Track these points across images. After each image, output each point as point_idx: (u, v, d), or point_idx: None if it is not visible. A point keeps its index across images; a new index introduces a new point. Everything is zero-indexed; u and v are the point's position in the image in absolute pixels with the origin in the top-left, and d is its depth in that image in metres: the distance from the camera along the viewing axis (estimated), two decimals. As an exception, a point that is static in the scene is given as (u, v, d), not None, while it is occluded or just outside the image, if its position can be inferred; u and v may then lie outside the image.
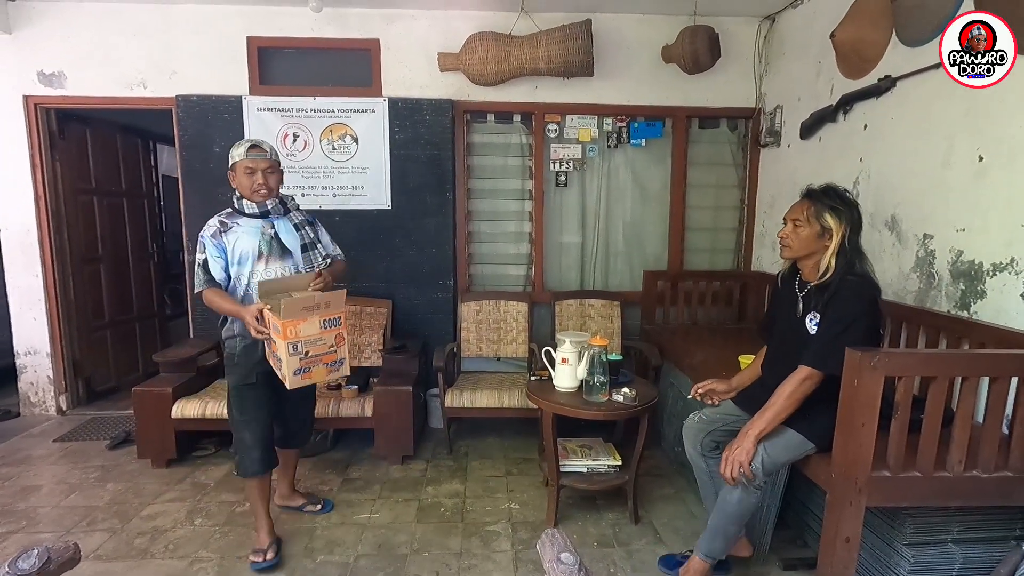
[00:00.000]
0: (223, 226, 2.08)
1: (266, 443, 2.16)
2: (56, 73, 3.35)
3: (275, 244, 2.12)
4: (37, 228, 3.46)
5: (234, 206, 2.13)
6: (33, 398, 3.61)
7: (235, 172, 2.09)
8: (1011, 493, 1.60)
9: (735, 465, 1.71)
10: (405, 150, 3.44)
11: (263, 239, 2.10)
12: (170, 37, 3.35)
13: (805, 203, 1.80)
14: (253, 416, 2.13)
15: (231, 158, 2.09)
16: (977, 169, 2.02)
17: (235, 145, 2.11)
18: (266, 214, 2.12)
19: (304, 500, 2.51)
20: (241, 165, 2.07)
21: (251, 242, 2.09)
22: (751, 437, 1.71)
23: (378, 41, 3.43)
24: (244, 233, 2.09)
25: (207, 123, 3.34)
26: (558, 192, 3.68)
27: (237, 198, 2.12)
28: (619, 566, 2.13)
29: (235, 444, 2.15)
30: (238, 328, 2.10)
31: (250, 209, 2.11)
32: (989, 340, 1.87)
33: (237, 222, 2.10)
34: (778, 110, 3.39)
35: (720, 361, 2.64)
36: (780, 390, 1.71)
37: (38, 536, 2.30)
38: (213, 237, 2.06)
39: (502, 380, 3.23)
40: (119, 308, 4.08)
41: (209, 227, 2.09)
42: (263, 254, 2.09)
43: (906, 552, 1.70)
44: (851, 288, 1.68)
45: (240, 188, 2.10)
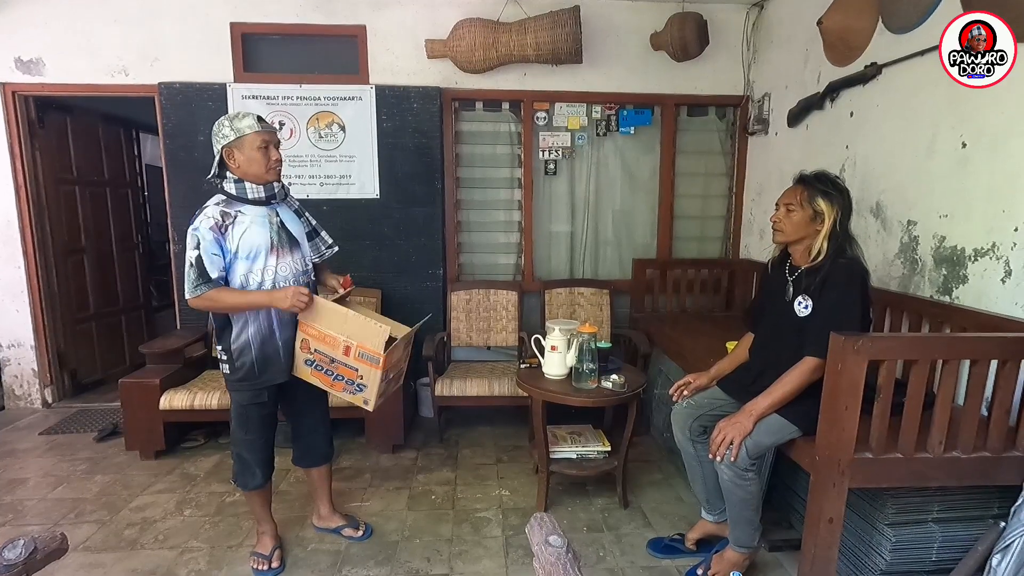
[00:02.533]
0: (225, 217, 1.77)
1: (267, 460, 2.01)
2: (34, 60, 3.28)
3: (283, 234, 1.88)
4: (18, 219, 3.40)
5: (231, 192, 1.82)
6: (18, 391, 3.57)
7: (240, 148, 1.77)
8: (989, 473, 1.63)
9: (726, 440, 1.74)
10: (393, 138, 3.42)
11: (272, 229, 1.84)
12: (152, 23, 3.28)
13: (798, 188, 1.82)
14: (258, 435, 1.96)
15: (235, 132, 1.77)
16: (960, 156, 2.04)
17: (230, 118, 1.79)
18: (272, 198, 1.86)
19: (343, 522, 2.24)
20: (253, 138, 1.77)
21: (262, 233, 1.81)
22: (752, 416, 1.74)
23: (364, 27, 3.39)
24: (252, 223, 1.80)
25: (191, 111, 3.29)
26: (547, 181, 3.68)
27: (235, 181, 1.81)
28: (608, 550, 2.16)
29: (235, 459, 1.99)
30: (251, 335, 1.85)
31: (254, 194, 1.82)
32: (970, 324, 1.91)
33: (240, 211, 1.80)
34: (766, 98, 3.40)
35: (708, 348, 2.66)
36: (787, 378, 1.73)
37: (25, 529, 2.28)
38: (213, 230, 1.74)
39: (492, 369, 3.24)
40: (104, 300, 4.02)
41: (207, 218, 1.76)
42: (275, 246, 1.84)
43: (888, 532, 1.73)
44: (843, 271, 1.71)
45: (248, 166, 1.79)
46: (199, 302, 1.77)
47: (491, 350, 3.52)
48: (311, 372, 1.93)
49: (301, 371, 1.94)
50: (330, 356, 1.88)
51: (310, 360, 1.91)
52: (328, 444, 2.19)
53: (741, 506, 1.82)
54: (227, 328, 1.86)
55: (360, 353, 1.86)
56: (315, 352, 1.89)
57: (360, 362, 1.87)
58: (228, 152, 1.79)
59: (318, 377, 1.93)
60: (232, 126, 1.78)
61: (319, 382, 1.94)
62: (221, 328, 1.88)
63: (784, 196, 1.85)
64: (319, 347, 1.88)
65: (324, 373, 1.91)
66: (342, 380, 1.91)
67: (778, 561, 2.08)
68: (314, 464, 2.18)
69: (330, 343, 1.87)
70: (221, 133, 1.78)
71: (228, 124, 1.78)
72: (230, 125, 1.78)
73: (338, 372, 1.90)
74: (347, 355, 1.87)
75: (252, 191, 1.82)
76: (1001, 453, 1.62)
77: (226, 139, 1.77)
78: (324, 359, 1.89)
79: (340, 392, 1.94)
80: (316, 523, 2.27)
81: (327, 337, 1.87)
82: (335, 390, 1.94)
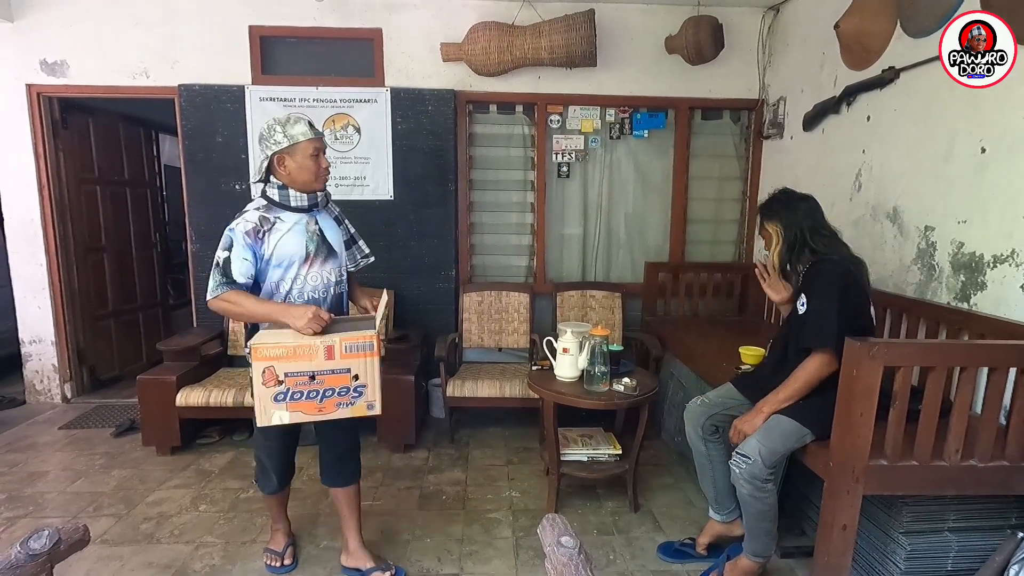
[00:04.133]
0: (263, 223, 1.72)
1: (285, 468, 1.97)
2: (59, 62, 3.35)
3: (320, 243, 1.82)
4: (41, 217, 3.47)
5: (272, 198, 1.77)
6: (38, 386, 3.64)
7: (292, 155, 1.72)
8: (1007, 482, 1.61)
9: (741, 434, 1.84)
10: (407, 140, 3.44)
11: (309, 238, 1.79)
12: (172, 26, 3.34)
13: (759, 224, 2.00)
14: (277, 442, 1.90)
15: (288, 139, 1.70)
16: (979, 161, 2.02)
17: (282, 123, 1.72)
18: (314, 206, 1.82)
19: (372, 564, 1.98)
20: (306, 146, 1.72)
21: (298, 242, 1.77)
22: (763, 413, 1.81)
23: (380, 31, 3.42)
24: (289, 232, 1.76)
25: (209, 112, 3.34)
26: (560, 183, 3.68)
27: (279, 187, 1.76)
28: (619, 553, 2.16)
29: (256, 461, 2.01)
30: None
31: (297, 201, 1.77)
32: (988, 331, 1.88)
33: (279, 217, 1.76)
34: (781, 101, 3.38)
35: (720, 352, 2.65)
36: (796, 373, 1.78)
37: (46, 520, 2.33)
38: (247, 236, 1.70)
39: (503, 370, 3.25)
40: (123, 297, 4.10)
41: (245, 221, 1.72)
42: (310, 255, 1.79)
43: (903, 540, 1.72)
44: (822, 268, 1.83)
45: (299, 173, 1.74)
46: (217, 303, 1.71)
47: (503, 352, 3.53)
48: (288, 407, 1.56)
49: (271, 416, 1.56)
50: (308, 371, 1.56)
51: (281, 395, 1.55)
52: (355, 460, 2.00)
53: (759, 517, 1.81)
54: (257, 329, 1.82)
55: (347, 347, 1.58)
56: (286, 378, 1.55)
57: (350, 357, 1.58)
58: (279, 159, 1.73)
59: (299, 409, 1.57)
60: (285, 132, 1.71)
61: (302, 415, 1.59)
62: (252, 328, 1.87)
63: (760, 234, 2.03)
64: (290, 367, 1.55)
65: (305, 399, 1.57)
66: (332, 394, 1.59)
67: (790, 568, 2.07)
68: (336, 483, 1.97)
69: (305, 353, 1.55)
70: (273, 139, 1.72)
71: (280, 130, 1.71)
72: (283, 131, 1.71)
73: (325, 386, 1.58)
74: (331, 357, 1.57)
75: (295, 199, 1.77)
76: (1020, 462, 1.60)
77: (278, 146, 1.71)
78: (300, 380, 1.56)
79: (334, 411, 1.61)
80: (343, 562, 2.04)
81: (299, 348, 1.55)
82: (326, 412, 1.60)
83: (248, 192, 3.38)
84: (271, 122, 1.75)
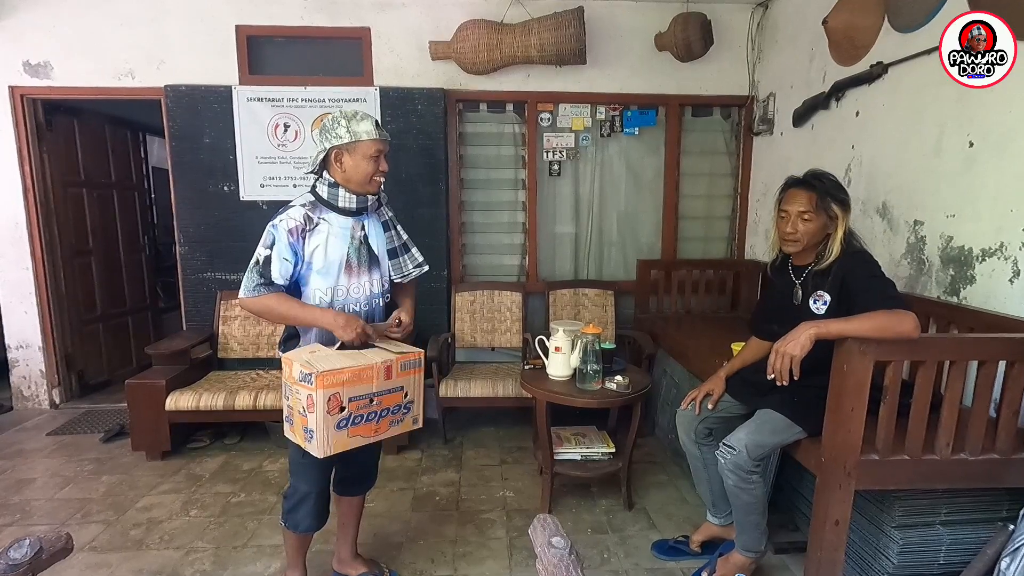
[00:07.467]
0: (308, 222, 1.61)
1: (323, 496, 1.76)
2: (42, 63, 3.30)
3: (364, 250, 1.71)
4: (26, 221, 3.42)
5: (321, 195, 1.66)
6: (26, 392, 3.60)
7: (351, 153, 1.62)
8: (998, 475, 1.62)
9: (786, 358, 1.56)
10: (397, 140, 3.38)
11: (352, 244, 1.68)
12: (158, 26, 3.30)
13: (811, 195, 1.73)
14: (321, 466, 1.69)
15: (351, 135, 1.60)
16: (967, 155, 2.02)
17: (347, 118, 1.62)
18: (363, 210, 1.70)
19: (365, 568, 1.96)
20: (369, 145, 1.62)
21: (339, 248, 1.65)
22: (809, 334, 1.53)
23: (369, 29, 3.40)
24: (333, 235, 1.64)
25: (197, 113, 3.31)
26: (551, 181, 3.67)
27: (330, 185, 1.65)
28: (613, 551, 2.15)
29: (290, 494, 1.75)
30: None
31: (345, 203, 1.65)
32: (978, 325, 1.89)
33: (324, 218, 1.64)
34: (771, 98, 3.38)
35: (713, 349, 2.65)
36: (879, 314, 1.50)
37: (33, 529, 2.30)
38: (291, 233, 1.59)
39: (496, 370, 3.24)
40: (111, 301, 4.05)
41: (290, 218, 1.60)
42: (351, 264, 1.68)
43: (895, 534, 1.72)
44: (860, 260, 1.69)
45: (354, 173, 1.63)
46: (254, 304, 1.59)
47: (495, 351, 3.52)
48: (349, 434, 1.54)
49: (337, 445, 1.52)
50: (369, 394, 1.55)
51: (343, 421, 1.52)
52: (376, 468, 1.97)
53: (746, 510, 1.81)
54: (294, 339, 1.72)
55: (403, 365, 1.60)
56: (348, 403, 1.51)
57: (404, 375, 1.61)
58: (336, 154, 1.63)
59: (360, 433, 1.57)
60: (349, 128, 1.61)
61: (362, 438, 1.58)
62: (288, 337, 1.74)
63: (794, 203, 1.75)
64: (354, 391, 1.52)
65: (366, 422, 1.56)
66: (387, 414, 1.60)
67: (784, 564, 2.07)
68: (354, 492, 1.92)
69: (366, 376, 1.53)
70: (335, 133, 1.61)
71: (345, 125, 1.61)
72: (347, 126, 1.61)
73: (382, 407, 1.59)
74: (389, 377, 1.57)
75: (344, 199, 1.65)
76: (1010, 455, 1.60)
77: (340, 140, 1.61)
78: (362, 404, 1.54)
79: (387, 431, 1.62)
80: (335, 567, 2.00)
81: (362, 371, 1.52)
82: (381, 432, 1.61)
83: (236, 193, 3.35)
84: (336, 115, 1.64)
